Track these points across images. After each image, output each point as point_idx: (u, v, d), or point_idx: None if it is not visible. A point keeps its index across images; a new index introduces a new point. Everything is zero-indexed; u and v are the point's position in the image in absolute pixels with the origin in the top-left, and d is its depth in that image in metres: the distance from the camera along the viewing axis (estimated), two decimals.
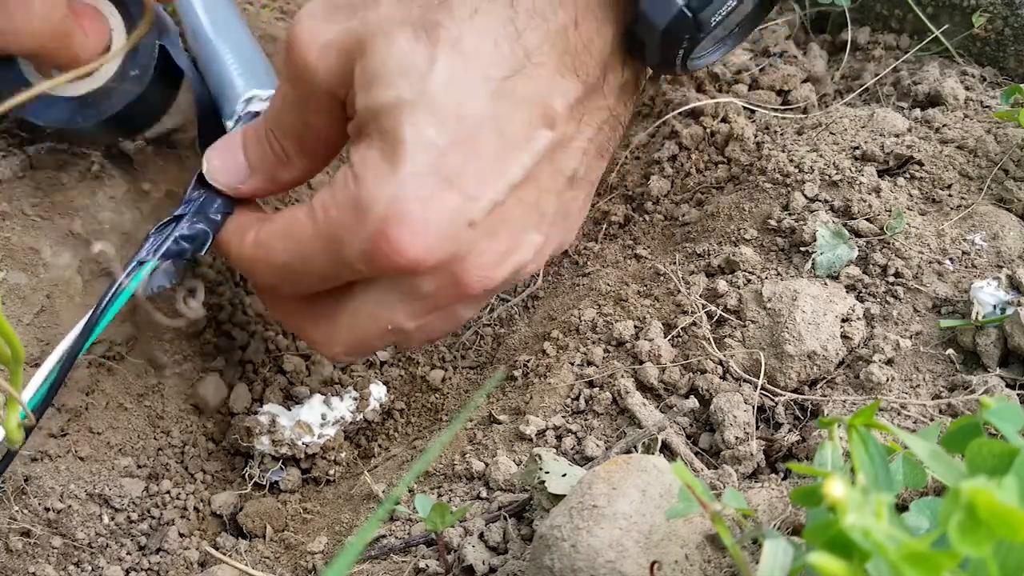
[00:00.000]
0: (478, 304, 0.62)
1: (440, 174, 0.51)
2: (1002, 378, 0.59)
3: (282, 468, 0.71)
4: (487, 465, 0.63)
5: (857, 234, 0.67)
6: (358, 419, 0.72)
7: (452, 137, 0.51)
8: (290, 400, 0.75)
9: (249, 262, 0.59)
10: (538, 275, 0.81)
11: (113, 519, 0.65)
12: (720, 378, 0.63)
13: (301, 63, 0.54)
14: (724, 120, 0.81)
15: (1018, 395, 0.57)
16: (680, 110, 0.82)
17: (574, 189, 0.58)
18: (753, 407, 0.61)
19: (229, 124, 0.66)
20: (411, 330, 0.57)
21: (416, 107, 0.51)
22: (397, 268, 0.52)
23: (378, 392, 0.74)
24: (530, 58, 0.52)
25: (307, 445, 0.70)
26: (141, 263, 0.59)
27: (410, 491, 0.64)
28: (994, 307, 0.61)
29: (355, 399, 0.72)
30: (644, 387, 0.64)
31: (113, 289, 0.59)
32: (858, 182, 0.69)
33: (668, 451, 0.60)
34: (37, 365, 0.65)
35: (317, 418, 0.71)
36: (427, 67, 0.51)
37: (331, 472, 0.72)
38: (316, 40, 0.54)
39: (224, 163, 0.61)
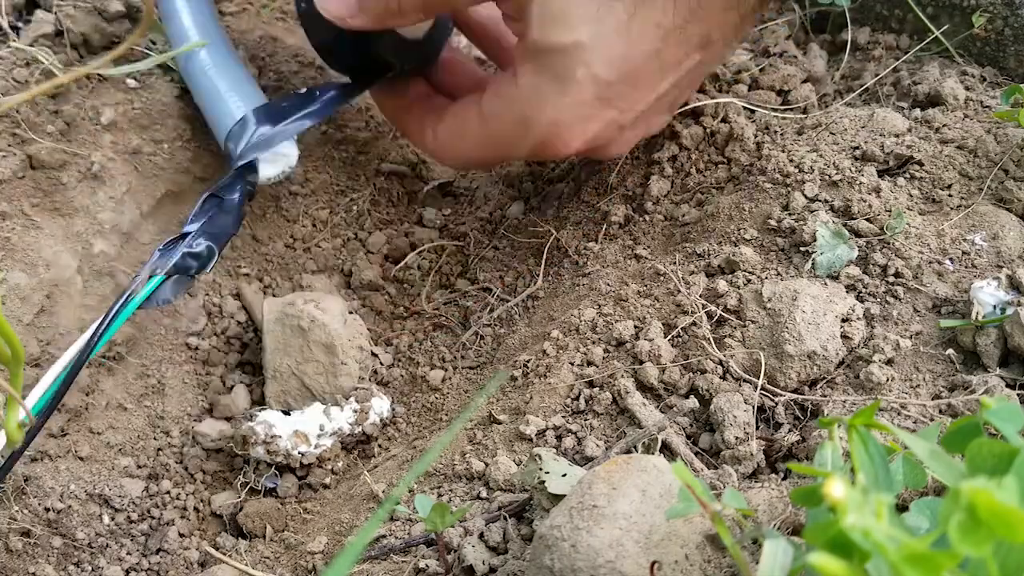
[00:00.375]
0: None
1: (602, 99, 0.61)
2: (1002, 378, 0.59)
3: (277, 475, 0.71)
4: (487, 465, 0.63)
5: (857, 234, 0.67)
6: (356, 431, 0.72)
7: (618, 75, 0.60)
8: (289, 402, 0.75)
9: (434, 153, 0.74)
10: (538, 275, 0.81)
11: (113, 519, 0.65)
12: (720, 378, 0.63)
13: None
14: (724, 120, 0.81)
15: (1018, 395, 0.57)
16: (680, 109, 0.82)
17: (697, 81, 0.70)
18: (753, 407, 0.61)
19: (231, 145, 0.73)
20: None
21: (591, 51, 0.58)
22: (555, 158, 0.66)
23: (380, 406, 0.73)
24: (701, 5, 0.59)
25: (303, 455, 0.70)
26: (151, 276, 0.63)
27: (410, 491, 0.64)
28: (994, 307, 0.61)
29: (355, 411, 0.72)
30: (644, 387, 0.64)
31: (123, 299, 0.61)
32: (858, 182, 0.69)
33: (668, 451, 0.60)
34: (37, 365, 0.65)
35: (315, 428, 0.70)
36: (607, 13, 0.58)
37: (327, 480, 0.72)
38: None
39: None
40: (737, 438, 0.59)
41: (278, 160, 0.75)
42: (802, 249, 0.67)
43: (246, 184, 0.72)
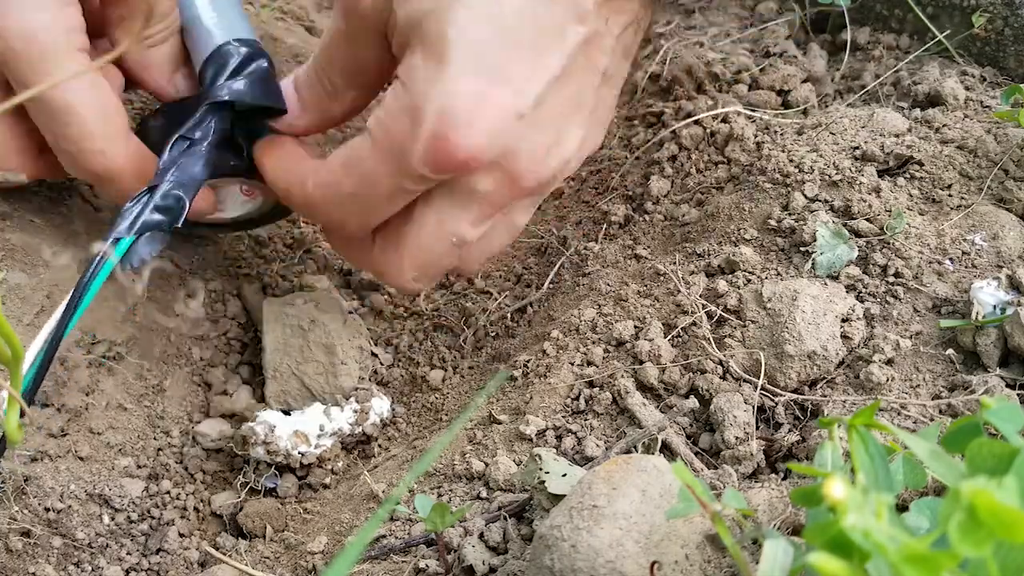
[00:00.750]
0: (531, 206, 0.66)
1: (486, 69, 0.55)
2: (1002, 378, 0.59)
3: (276, 475, 0.71)
4: (487, 465, 0.63)
5: (857, 234, 0.67)
6: (356, 432, 0.72)
7: (492, 31, 0.55)
8: (289, 402, 0.75)
9: (317, 203, 0.63)
10: (541, 284, 0.81)
11: (113, 519, 0.65)
12: (720, 378, 0.63)
13: None
14: (724, 120, 0.81)
15: (1018, 395, 0.57)
16: (698, 117, 0.82)
17: (606, 86, 0.62)
18: (753, 407, 0.61)
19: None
20: (473, 240, 0.62)
21: (454, 6, 0.55)
22: (456, 164, 0.56)
23: (380, 407, 0.73)
24: None
25: (303, 455, 0.70)
26: (117, 240, 0.59)
27: (410, 491, 0.64)
28: (994, 307, 0.61)
29: (355, 411, 0.72)
30: (644, 387, 0.64)
31: (91, 269, 0.58)
32: (858, 182, 0.69)
33: (668, 451, 0.60)
34: None
35: (315, 428, 0.70)
36: None
37: (327, 480, 0.72)
38: None
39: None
40: (737, 438, 0.59)
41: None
42: (802, 249, 0.67)
43: (220, 121, 0.64)
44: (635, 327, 0.68)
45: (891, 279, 0.65)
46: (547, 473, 0.55)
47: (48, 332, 0.57)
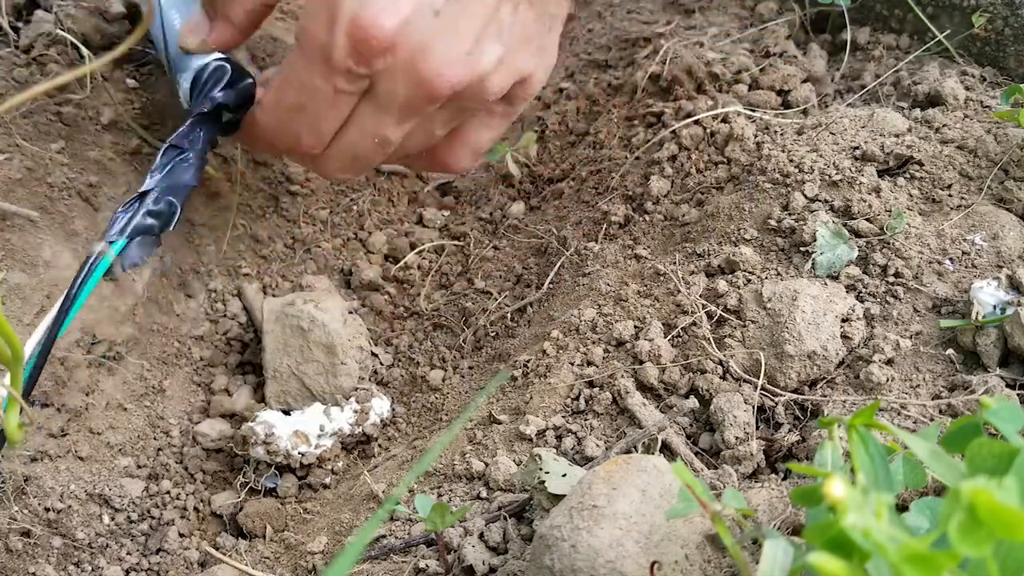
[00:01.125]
0: (448, 117, 0.68)
1: None
2: (1002, 378, 0.59)
3: (276, 475, 0.71)
4: (487, 465, 0.63)
5: (857, 234, 0.67)
6: (356, 432, 0.72)
7: None
8: (289, 402, 0.75)
9: (267, 128, 0.66)
10: (541, 284, 0.81)
11: (113, 519, 0.65)
12: (720, 378, 0.63)
13: None
14: (724, 120, 0.81)
15: (1018, 395, 0.57)
16: (698, 117, 0.82)
17: (537, 15, 0.64)
18: (753, 407, 0.61)
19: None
20: (396, 139, 0.65)
21: None
22: (375, 49, 0.58)
23: (380, 407, 0.73)
24: None
25: (303, 455, 0.70)
26: (110, 243, 0.60)
27: (410, 491, 0.64)
28: (994, 307, 0.61)
29: (355, 411, 0.72)
30: (644, 387, 0.64)
31: (84, 271, 0.58)
32: (858, 182, 0.69)
33: (668, 451, 0.60)
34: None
35: (315, 428, 0.70)
36: None
37: (327, 480, 0.72)
38: None
39: (191, 27, 0.68)
40: (737, 438, 0.59)
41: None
42: (802, 249, 0.67)
43: (208, 131, 0.66)
44: (635, 327, 0.68)
45: (891, 279, 0.65)
46: (547, 473, 0.55)
47: (42, 333, 0.57)
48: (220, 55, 0.69)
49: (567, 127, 0.94)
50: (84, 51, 0.77)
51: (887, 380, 0.60)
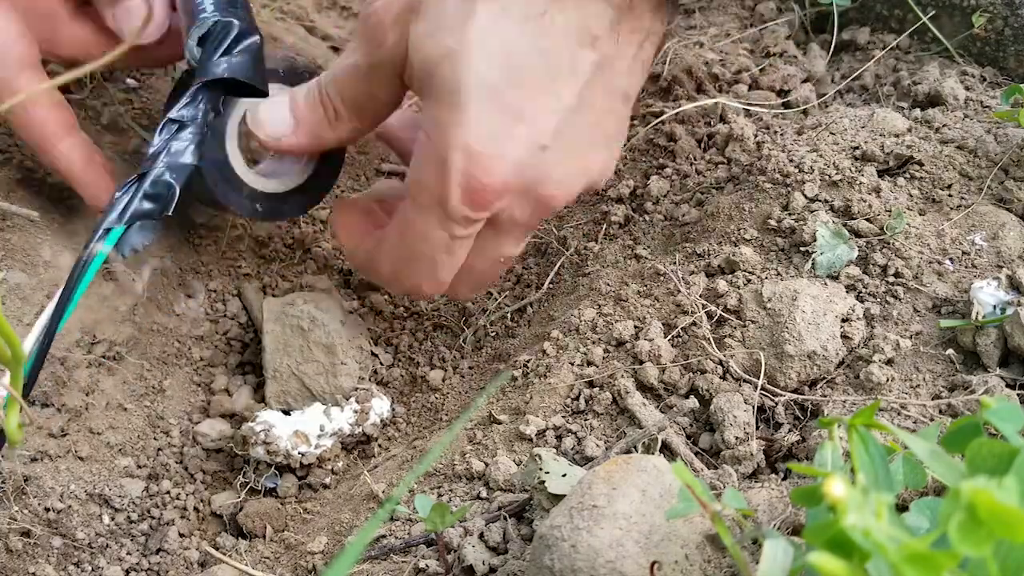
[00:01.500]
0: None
1: (502, 110, 0.57)
2: (1002, 378, 0.59)
3: (276, 475, 0.71)
4: (487, 465, 0.63)
5: (857, 234, 0.67)
6: (356, 432, 0.72)
7: (504, 73, 0.57)
8: (289, 402, 0.75)
9: (390, 274, 0.66)
10: (541, 284, 0.81)
11: (113, 519, 0.65)
12: (720, 378, 0.63)
13: (376, 30, 0.60)
14: (724, 120, 0.81)
15: (1018, 395, 0.57)
16: (680, 110, 0.82)
17: (627, 105, 0.65)
18: (753, 407, 0.61)
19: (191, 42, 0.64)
20: (517, 253, 0.67)
21: (464, 53, 0.56)
22: (491, 195, 0.59)
23: (380, 407, 0.73)
24: None
25: (303, 455, 0.70)
26: (107, 231, 0.58)
27: (410, 491, 0.64)
28: (994, 307, 0.61)
29: (355, 411, 0.72)
30: (644, 387, 0.64)
31: (82, 261, 0.57)
32: (858, 182, 0.69)
33: (668, 451, 0.60)
34: None
35: (315, 428, 0.70)
36: (468, 17, 0.57)
37: (327, 480, 0.72)
38: (390, 11, 0.60)
39: (270, 115, 0.65)
40: (737, 438, 0.59)
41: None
42: (802, 249, 0.67)
43: (210, 102, 0.62)
44: (635, 327, 0.68)
45: (891, 279, 0.65)
46: (547, 473, 0.55)
47: (41, 327, 0.56)
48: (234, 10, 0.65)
49: None
50: None
51: (887, 380, 0.60)
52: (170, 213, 0.60)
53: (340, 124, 0.65)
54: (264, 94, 0.66)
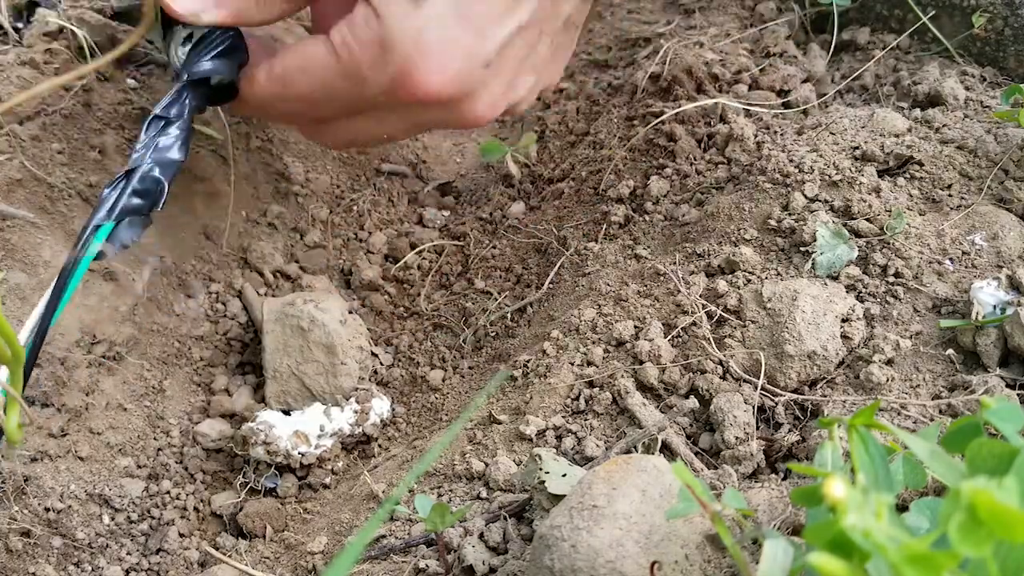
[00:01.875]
0: None
1: (459, 13, 0.56)
2: (1002, 378, 0.59)
3: (276, 475, 0.71)
4: (487, 465, 0.63)
5: (857, 234, 0.67)
6: (356, 432, 0.72)
7: None
8: (289, 402, 0.75)
9: (267, 98, 0.63)
10: (541, 284, 0.81)
11: (113, 519, 0.65)
12: (720, 378, 0.63)
13: None
14: (724, 120, 0.81)
15: (1018, 395, 0.57)
16: (679, 110, 0.82)
17: (567, 32, 0.63)
18: (753, 407, 0.61)
19: None
20: (401, 139, 0.67)
21: None
22: (415, 100, 0.57)
23: (380, 407, 0.73)
24: None
25: (303, 455, 0.70)
26: (97, 227, 0.58)
27: (410, 491, 0.64)
28: (994, 307, 0.61)
29: (355, 411, 0.72)
30: (644, 387, 0.64)
31: (73, 259, 0.57)
32: (858, 182, 0.69)
33: (668, 451, 0.60)
34: (37, 365, 0.65)
35: (315, 428, 0.70)
36: None
37: (327, 480, 0.72)
38: None
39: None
40: (737, 438, 0.59)
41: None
42: (802, 249, 0.67)
43: (195, 100, 0.62)
44: (635, 327, 0.68)
45: (891, 279, 0.65)
46: (547, 473, 0.55)
47: (33, 324, 0.56)
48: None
49: (567, 127, 0.94)
50: (85, 50, 0.77)
51: (887, 380, 0.60)
52: (159, 209, 0.60)
53: (270, 4, 0.62)
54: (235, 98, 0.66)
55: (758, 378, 0.62)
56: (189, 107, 0.62)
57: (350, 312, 0.78)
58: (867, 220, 0.67)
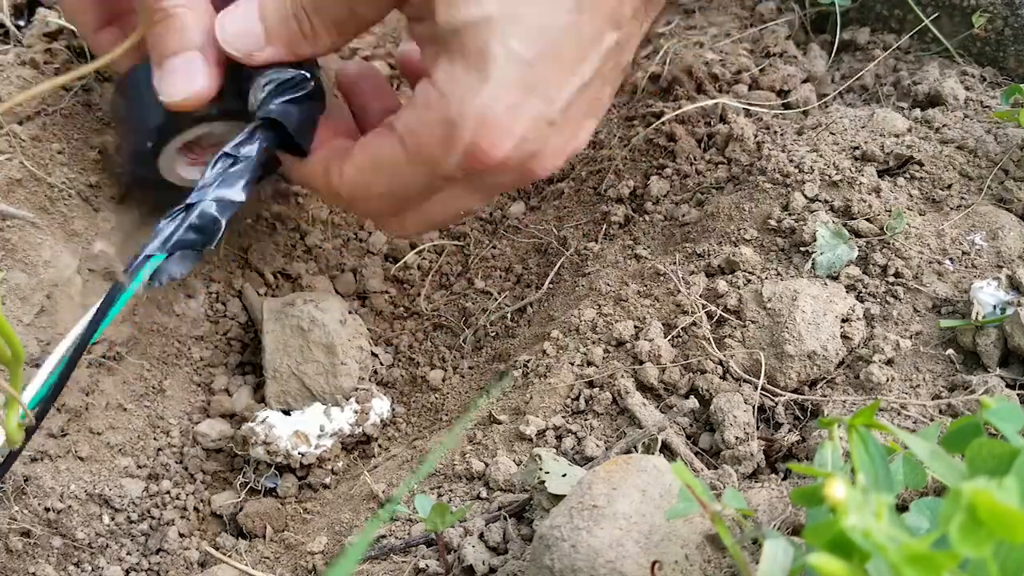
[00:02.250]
0: None
1: (525, 84, 0.56)
2: (1002, 378, 0.59)
3: (276, 475, 0.71)
4: (487, 465, 0.63)
5: (857, 234, 0.67)
6: (356, 432, 0.72)
7: (538, 50, 0.55)
8: (289, 402, 0.75)
9: (346, 199, 0.63)
10: (541, 284, 0.81)
11: (113, 519, 0.65)
12: (720, 378, 0.63)
13: None
14: (724, 120, 0.81)
15: (1018, 395, 0.57)
16: (680, 111, 0.82)
17: (622, 77, 0.64)
18: (753, 407, 0.61)
19: None
20: (477, 209, 0.67)
21: (504, 23, 0.55)
22: (488, 169, 0.58)
23: (380, 407, 0.73)
24: None
25: (303, 455, 0.70)
26: (148, 257, 0.57)
27: (410, 491, 0.64)
28: (994, 307, 0.61)
29: (355, 411, 0.72)
30: (644, 387, 0.64)
31: (118, 285, 0.57)
32: (858, 182, 0.69)
33: (668, 451, 0.60)
34: (37, 365, 0.65)
35: (315, 428, 0.70)
36: None
37: (327, 480, 0.72)
38: None
39: (238, 28, 0.61)
40: (737, 438, 0.59)
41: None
42: (802, 249, 0.67)
43: (266, 142, 0.61)
44: (635, 327, 0.68)
45: (891, 279, 0.65)
46: (547, 473, 0.55)
47: (64, 350, 0.56)
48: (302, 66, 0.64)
49: None
50: (86, 50, 0.77)
51: (887, 380, 0.60)
52: (213, 247, 0.60)
53: (315, 40, 0.61)
54: (304, 154, 0.64)
55: (758, 378, 0.62)
56: (259, 149, 0.61)
57: (350, 312, 0.78)
58: (867, 220, 0.67)
